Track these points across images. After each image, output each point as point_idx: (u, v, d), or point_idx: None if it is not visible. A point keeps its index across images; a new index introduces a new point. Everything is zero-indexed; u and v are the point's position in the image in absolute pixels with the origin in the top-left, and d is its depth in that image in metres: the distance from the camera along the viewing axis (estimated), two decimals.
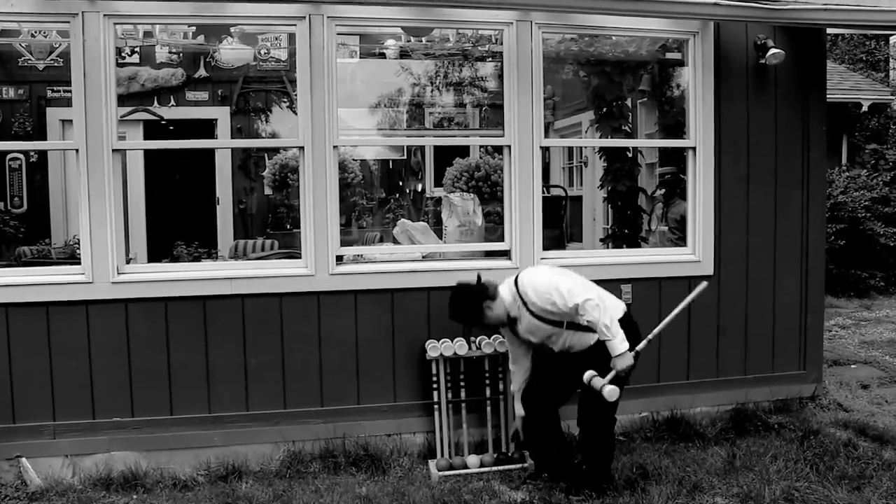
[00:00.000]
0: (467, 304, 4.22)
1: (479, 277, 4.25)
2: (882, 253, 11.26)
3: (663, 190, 7.10)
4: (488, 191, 6.30)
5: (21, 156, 8.70)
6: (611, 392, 3.91)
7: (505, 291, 4.21)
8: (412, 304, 4.96)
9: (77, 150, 4.55)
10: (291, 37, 5.11)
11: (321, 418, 4.86)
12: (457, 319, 4.35)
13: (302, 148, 4.78)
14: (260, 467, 4.72)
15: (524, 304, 4.13)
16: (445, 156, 7.56)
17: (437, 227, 6.47)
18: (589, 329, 4.07)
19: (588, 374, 4.04)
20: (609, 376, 3.98)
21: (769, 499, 4.15)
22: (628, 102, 7.13)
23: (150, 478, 4.54)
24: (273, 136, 9.45)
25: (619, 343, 4.00)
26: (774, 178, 5.56)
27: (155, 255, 7.86)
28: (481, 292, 4.18)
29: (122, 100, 8.26)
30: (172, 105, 9.04)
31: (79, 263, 4.66)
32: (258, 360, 4.80)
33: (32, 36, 7.96)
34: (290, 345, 4.83)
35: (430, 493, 4.35)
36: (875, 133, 13.80)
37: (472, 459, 4.75)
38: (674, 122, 6.39)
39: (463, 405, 4.86)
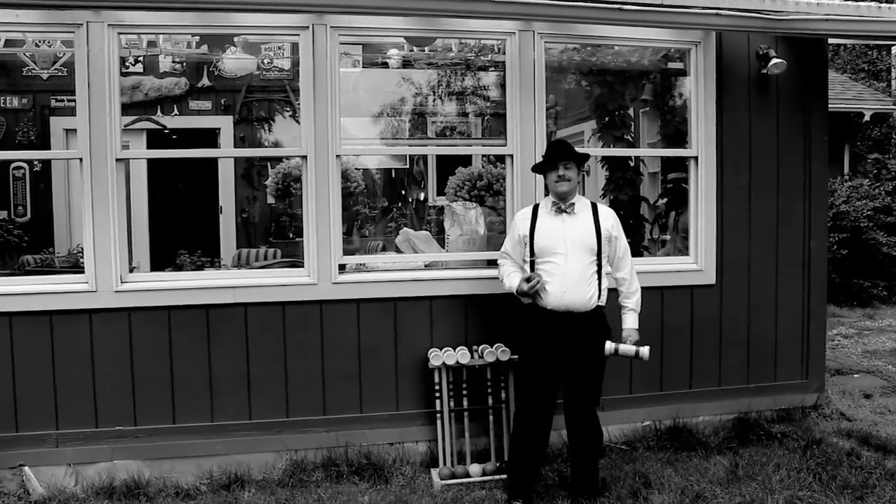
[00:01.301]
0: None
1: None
2: (885, 262, 11.25)
3: (665, 199, 7.10)
4: (491, 200, 6.31)
5: (25, 165, 8.73)
6: (648, 351, 4.17)
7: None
8: (415, 313, 4.97)
9: (81, 160, 4.57)
10: (294, 46, 5.14)
11: (324, 427, 4.87)
12: (564, 144, 4.38)
13: (305, 157, 4.79)
14: (262, 476, 4.72)
15: (594, 210, 4.33)
16: (448, 165, 7.59)
17: (440, 236, 6.48)
18: (595, 289, 4.22)
19: (609, 344, 4.15)
20: (632, 343, 4.27)
21: None
22: (630, 112, 7.14)
23: (152, 487, 4.55)
24: (276, 145, 9.47)
25: (636, 316, 4.39)
26: (776, 187, 5.57)
27: (158, 263, 7.86)
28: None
29: (126, 109, 8.30)
30: (176, 114, 9.07)
31: (82, 272, 4.67)
32: (261, 369, 4.80)
33: (37, 46, 7.99)
34: (293, 353, 4.84)
35: (432, 502, 4.36)
36: (877, 142, 13.82)
37: (475, 468, 4.74)
38: (676, 132, 6.40)
39: (465, 414, 4.86)
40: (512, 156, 5.05)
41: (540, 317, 4.26)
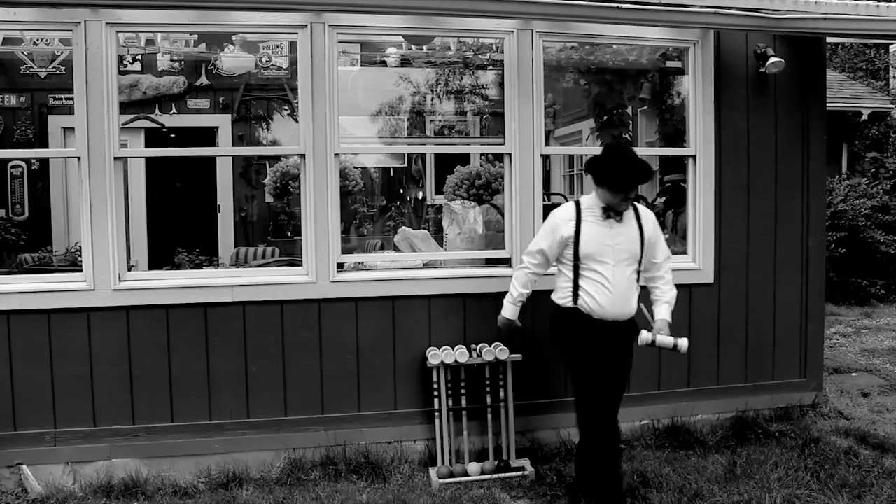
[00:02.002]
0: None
1: None
2: (882, 261, 11.26)
3: (664, 198, 7.10)
4: (489, 199, 6.30)
5: (23, 163, 8.72)
6: (686, 343, 4.02)
7: None
8: (413, 312, 4.96)
9: (79, 158, 4.56)
10: (293, 45, 5.12)
11: (322, 426, 4.87)
12: (646, 172, 4.09)
13: (303, 156, 4.79)
14: (260, 475, 4.72)
15: (637, 213, 4.15)
16: (446, 163, 7.57)
17: (438, 235, 6.48)
18: (637, 295, 4.14)
19: (645, 334, 4.02)
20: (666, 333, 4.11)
21: None
22: (629, 110, 7.14)
23: (150, 485, 4.55)
24: (274, 143, 9.46)
25: (670, 309, 4.25)
26: (775, 185, 5.57)
27: (156, 262, 7.86)
28: None
29: (124, 107, 8.28)
30: (174, 113, 9.05)
31: (80, 271, 4.67)
32: (259, 368, 4.80)
33: (35, 44, 7.98)
34: (291, 352, 4.83)
35: (430, 501, 4.35)
36: (875, 141, 13.82)
37: (473, 467, 4.74)
38: (674, 131, 6.40)
39: (463, 413, 4.86)
40: (510, 154, 5.05)
41: (582, 323, 4.08)
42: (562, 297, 4.17)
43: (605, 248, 4.03)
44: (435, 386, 4.83)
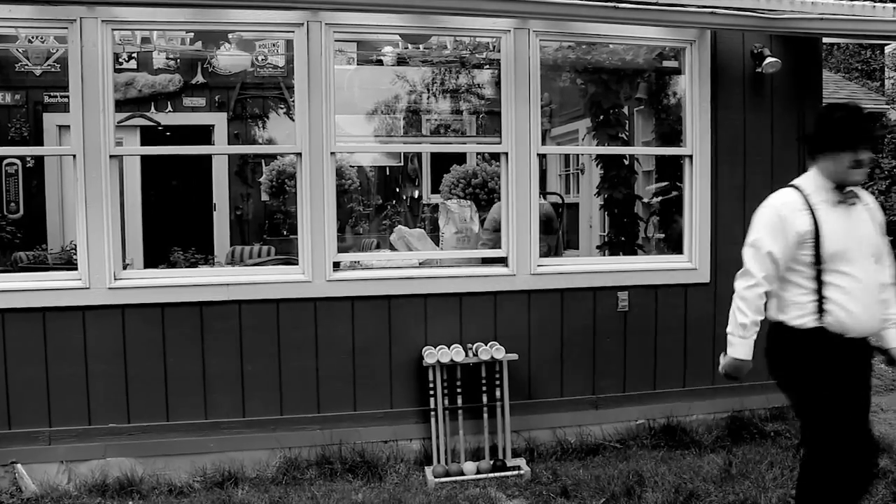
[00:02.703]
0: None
1: None
2: None
3: (659, 198, 7.11)
4: (485, 198, 6.31)
5: (18, 161, 8.69)
6: None
7: None
8: (409, 311, 4.96)
9: (74, 156, 4.55)
10: (289, 43, 5.12)
11: (318, 424, 4.86)
12: (871, 119, 3.37)
13: (299, 154, 4.78)
14: (256, 474, 4.71)
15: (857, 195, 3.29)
16: (442, 163, 7.58)
17: (434, 234, 6.47)
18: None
19: None
20: None
21: None
22: (625, 110, 7.13)
23: (145, 484, 4.54)
24: (270, 142, 9.44)
25: None
26: (771, 185, 5.50)
27: (152, 260, 7.85)
28: None
29: (120, 105, 8.21)
30: (170, 111, 9.04)
31: (75, 269, 4.65)
32: (255, 367, 4.79)
33: (30, 41, 7.96)
34: (287, 351, 4.83)
35: (426, 500, 4.35)
36: None
37: (469, 466, 4.74)
38: (670, 130, 6.39)
39: (460, 412, 4.86)
40: (507, 153, 5.05)
41: (831, 346, 3.18)
42: (797, 316, 3.23)
43: (852, 243, 3.17)
44: (431, 385, 4.83)
